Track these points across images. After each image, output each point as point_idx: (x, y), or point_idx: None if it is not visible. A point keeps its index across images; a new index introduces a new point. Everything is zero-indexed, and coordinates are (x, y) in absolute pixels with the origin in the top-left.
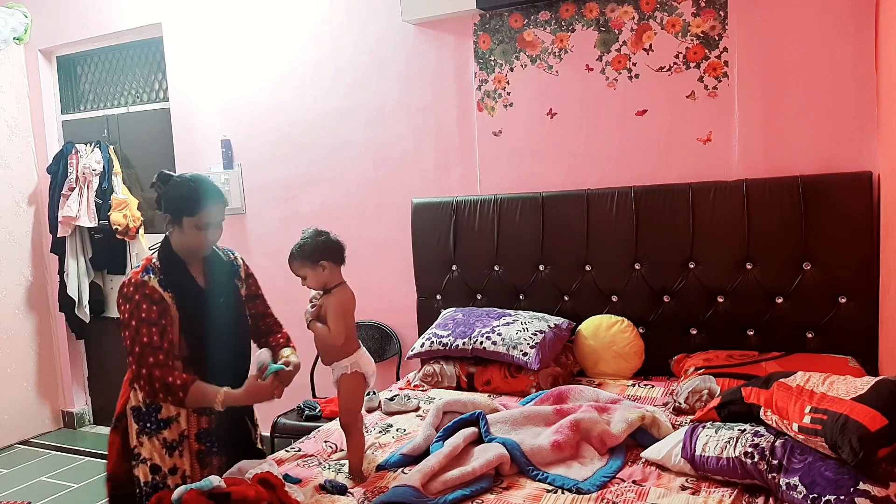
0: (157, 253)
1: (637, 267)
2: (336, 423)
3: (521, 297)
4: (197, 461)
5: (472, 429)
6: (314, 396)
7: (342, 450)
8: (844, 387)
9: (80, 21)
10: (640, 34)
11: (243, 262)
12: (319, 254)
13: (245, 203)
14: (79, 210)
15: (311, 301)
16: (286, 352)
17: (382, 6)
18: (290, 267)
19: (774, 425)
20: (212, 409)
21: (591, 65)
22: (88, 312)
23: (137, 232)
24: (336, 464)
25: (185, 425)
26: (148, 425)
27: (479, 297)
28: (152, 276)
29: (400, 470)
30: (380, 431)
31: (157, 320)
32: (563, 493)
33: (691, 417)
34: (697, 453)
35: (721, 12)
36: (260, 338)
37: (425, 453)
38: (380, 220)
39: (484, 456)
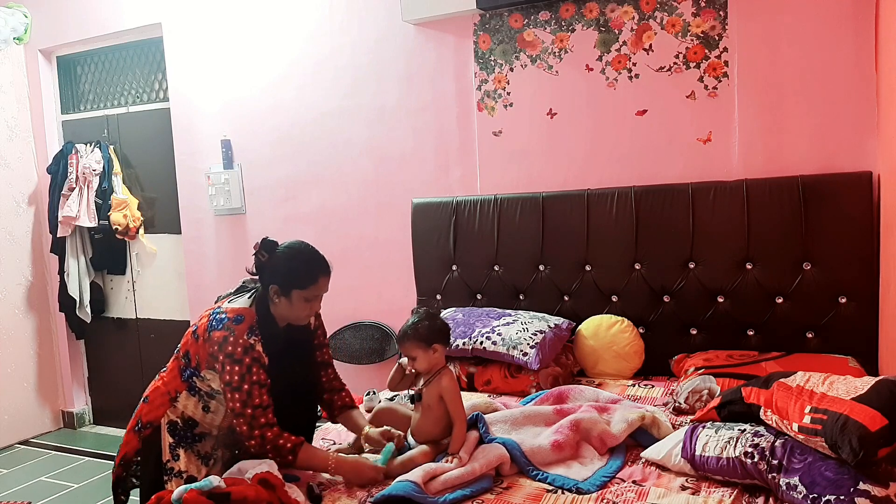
0: (254, 307)
1: (637, 267)
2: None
3: (521, 297)
4: (227, 467)
5: (472, 432)
6: None
7: (340, 444)
8: (844, 387)
9: (80, 21)
10: (640, 34)
11: (317, 316)
12: (434, 337)
13: (245, 203)
14: (79, 210)
15: (402, 369)
16: (385, 429)
17: (382, 6)
18: (401, 347)
19: (774, 425)
20: (323, 471)
21: (592, 65)
22: (90, 312)
23: (137, 232)
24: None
25: (217, 438)
26: (186, 438)
27: (479, 297)
28: (256, 339)
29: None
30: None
31: (266, 381)
32: (563, 493)
33: (691, 417)
34: (697, 453)
35: (721, 12)
36: (323, 393)
37: None
38: (380, 220)
39: (484, 456)
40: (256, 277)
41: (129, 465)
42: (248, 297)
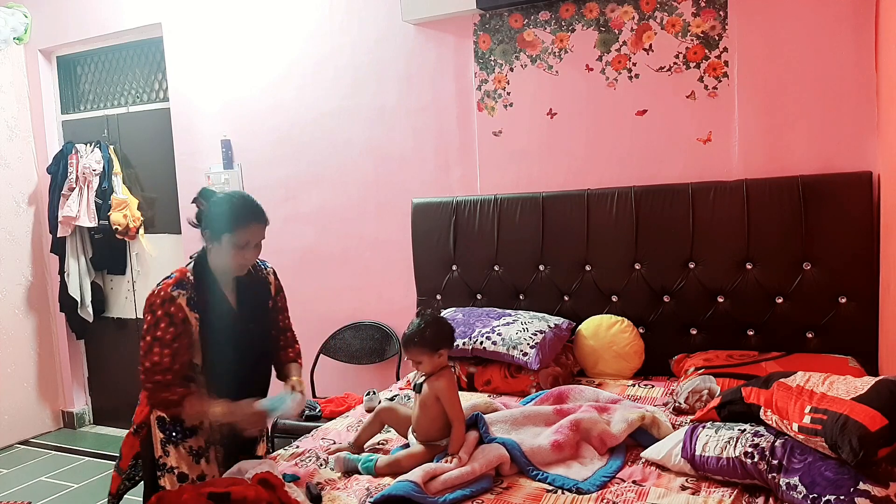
0: (192, 266)
1: (637, 267)
2: (335, 423)
3: (521, 297)
4: (224, 467)
5: (472, 432)
6: (314, 396)
7: (340, 443)
8: (844, 387)
9: (80, 21)
10: (640, 34)
11: (275, 276)
12: (441, 342)
13: None
14: (79, 210)
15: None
16: (294, 379)
17: (382, 6)
18: (407, 352)
19: (774, 425)
20: (207, 417)
21: (592, 65)
22: (91, 312)
23: (137, 232)
24: (330, 463)
25: (209, 433)
26: (174, 434)
27: (479, 297)
28: (182, 293)
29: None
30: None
31: (171, 342)
32: (563, 493)
33: (691, 417)
34: (697, 453)
35: (721, 12)
36: (277, 352)
37: None
38: (380, 220)
39: (484, 456)
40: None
41: (136, 468)
42: (191, 257)
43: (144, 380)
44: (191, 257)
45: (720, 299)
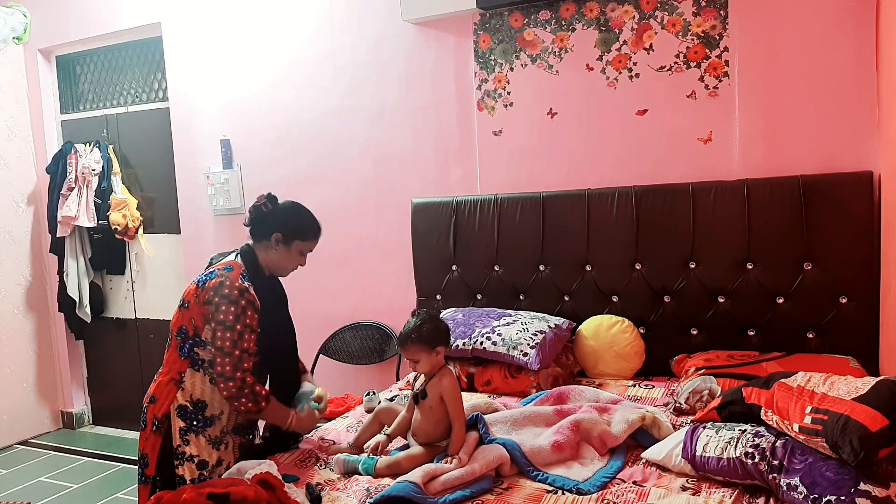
0: (239, 258)
1: (637, 267)
2: (335, 423)
3: (521, 298)
4: (240, 452)
5: (472, 433)
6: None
7: (340, 443)
8: (845, 387)
9: (80, 21)
10: (640, 34)
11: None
12: (438, 340)
13: (244, 203)
14: (78, 210)
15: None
16: (319, 390)
17: (382, 6)
18: (404, 350)
19: (775, 426)
20: (282, 426)
21: (592, 64)
22: (89, 312)
23: (137, 232)
24: (330, 464)
25: (225, 422)
26: (195, 423)
27: (479, 297)
28: (248, 283)
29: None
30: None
31: (256, 328)
32: (563, 493)
33: (692, 418)
34: (698, 454)
35: (721, 12)
36: None
37: None
38: (380, 220)
39: (484, 456)
40: (221, 252)
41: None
42: (233, 255)
43: (233, 368)
44: (233, 253)
45: (721, 299)
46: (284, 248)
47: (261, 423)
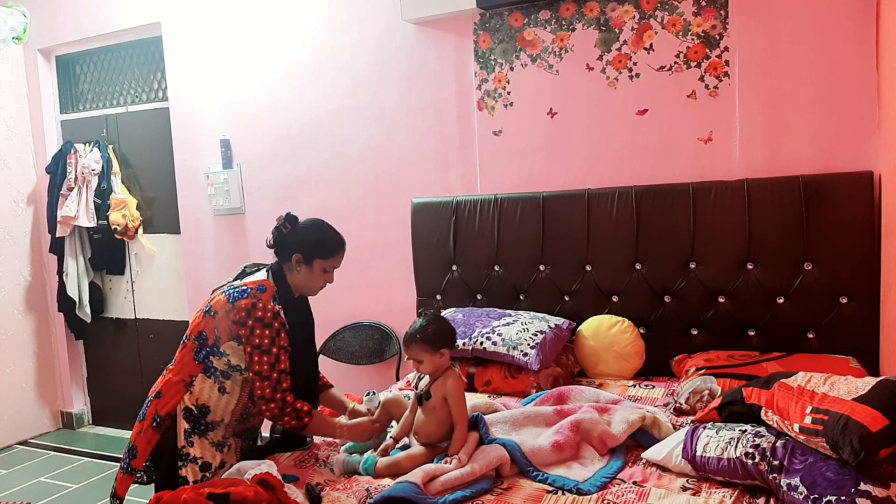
0: (271, 278)
1: (638, 267)
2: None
3: (521, 298)
4: (242, 455)
5: (473, 433)
6: None
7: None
8: (845, 387)
9: (79, 20)
10: (640, 33)
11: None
12: (443, 341)
13: (244, 203)
14: (78, 210)
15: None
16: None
17: (382, 6)
18: (408, 350)
19: (775, 426)
20: (332, 437)
21: (592, 64)
22: (89, 312)
23: (136, 232)
24: (329, 465)
25: (227, 427)
26: (198, 426)
27: (479, 297)
28: (279, 306)
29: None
30: None
31: (289, 348)
32: (563, 493)
33: (692, 418)
34: (698, 454)
35: (722, 11)
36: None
37: None
38: (380, 220)
39: (484, 457)
40: (255, 262)
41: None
42: (265, 272)
43: (273, 390)
44: (243, 273)
45: (721, 299)
46: (307, 268)
47: (265, 428)
